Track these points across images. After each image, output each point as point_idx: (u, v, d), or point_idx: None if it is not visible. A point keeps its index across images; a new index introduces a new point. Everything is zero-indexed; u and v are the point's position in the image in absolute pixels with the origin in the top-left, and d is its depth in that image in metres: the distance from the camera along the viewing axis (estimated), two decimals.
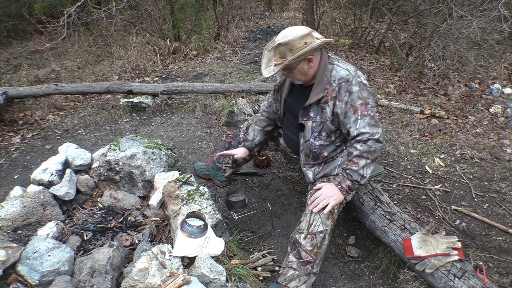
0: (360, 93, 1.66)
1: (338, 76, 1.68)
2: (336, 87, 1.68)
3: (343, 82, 1.67)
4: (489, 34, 3.69)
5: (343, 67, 1.71)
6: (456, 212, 2.39)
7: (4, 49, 5.93)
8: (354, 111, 1.66)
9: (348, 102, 1.66)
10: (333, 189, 1.74)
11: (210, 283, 1.61)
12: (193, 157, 3.01)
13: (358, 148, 1.67)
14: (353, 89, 1.65)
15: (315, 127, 1.79)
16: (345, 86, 1.66)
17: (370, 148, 1.66)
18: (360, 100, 1.66)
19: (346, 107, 1.67)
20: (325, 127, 1.77)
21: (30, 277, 1.65)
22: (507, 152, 3.04)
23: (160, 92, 3.75)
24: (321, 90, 1.71)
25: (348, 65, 1.74)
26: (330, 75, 1.70)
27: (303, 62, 1.68)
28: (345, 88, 1.66)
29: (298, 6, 9.36)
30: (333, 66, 1.72)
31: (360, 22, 5.55)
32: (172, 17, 5.76)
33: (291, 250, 1.75)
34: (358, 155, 1.67)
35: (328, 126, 1.76)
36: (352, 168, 1.69)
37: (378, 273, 1.96)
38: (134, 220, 2.16)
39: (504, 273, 1.92)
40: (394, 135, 3.33)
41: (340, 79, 1.68)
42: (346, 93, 1.66)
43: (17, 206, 1.96)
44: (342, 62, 1.75)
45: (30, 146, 3.26)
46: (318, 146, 1.82)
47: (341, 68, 1.70)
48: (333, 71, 1.70)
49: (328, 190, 1.74)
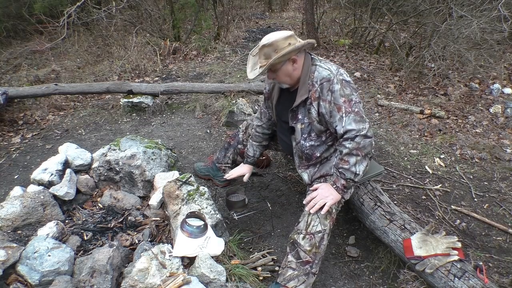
0: (342, 90, 1.67)
1: (320, 76, 1.71)
2: (318, 87, 1.70)
3: (324, 82, 1.69)
4: (489, 34, 3.69)
5: (325, 67, 1.73)
6: (456, 212, 2.39)
7: (4, 49, 5.93)
8: (338, 109, 1.67)
9: (332, 101, 1.68)
10: (329, 189, 1.75)
11: (210, 283, 1.61)
12: (193, 157, 3.01)
13: (346, 146, 1.67)
14: (335, 88, 1.67)
15: (304, 129, 1.83)
16: (327, 86, 1.69)
17: (359, 145, 1.66)
18: (343, 98, 1.67)
19: (330, 106, 1.69)
20: (313, 127, 1.80)
21: (30, 277, 1.65)
22: (507, 152, 3.04)
23: (160, 92, 3.75)
24: (306, 92, 1.74)
25: (330, 64, 1.77)
26: (313, 76, 1.73)
27: (288, 63, 1.71)
28: (327, 88, 1.68)
29: (298, 6, 9.37)
30: (316, 67, 1.75)
31: (360, 22, 5.55)
32: (172, 17, 5.76)
33: (290, 250, 1.75)
34: (347, 153, 1.67)
35: (316, 126, 1.78)
36: (344, 167, 1.70)
37: (378, 273, 1.96)
38: (134, 220, 2.16)
39: (504, 273, 1.92)
40: (394, 135, 3.33)
41: (322, 79, 1.70)
42: (329, 93, 1.68)
43: (17, 206, 1.96)
44: (324, 62, 1.78)
45: (30, 146, 3.26)
46: (309, 147, 1.85)
47: (323, 68, 1.73)
48: (315, 72, 1.73)
49: (324, 190, 1.75)
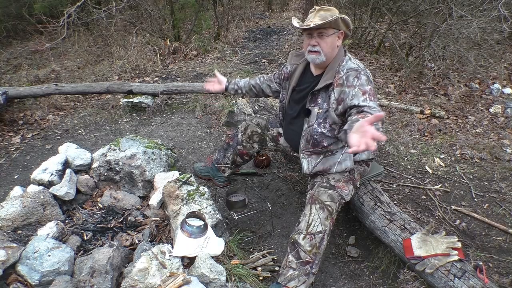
0: (368, 82, 1.70)
1: (348, 66, 1.76)
2: (344, 75, 1.73)
3: (351, 71, 1.73)
4: (489, 34, 3.69)
5: (355, 62, 1.80)
6: (456, 212, 2.39)
7: (4, 49, 5.93)
8: (363, 93, 1.63)
9: (357, 86, 1.67)
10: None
11: (210, 283, 1.61)
12: (193, 157, 3.01)
13: (368, 106, 1.54)
14: (362, 78, 1.70)
15: (320, 114, 1.82)
16: (354, 74, 1.71)
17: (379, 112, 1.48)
18: (369, 86, 1.68)
19: (355, 90, 1.65)
20: (329, 115, 1.80)
21: (30, 277, 1.65)
22: (507, 152, 3.04)
23: (160, 92, 3.75)
24: (331, 77, 1.77)
25: (359, 62, 1.82)
26: (342, 65, 1.78)
27: (336, 36, 1.76)
28: (353, 75, 1.71)
29: (298, 6, 9.36)
30: (346, 58, 1.81)
31: (360, 22, 5.55)
32: (172, 17, 5.76)
33: (290, 250, 1.75)
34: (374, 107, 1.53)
35: (331, 115, 1.78)
36: (370, 112, 1.49)
37: (378, 273, 1.96)
38: (134, 220, 2.16)
39: (504, 273, 1.92)
40: (394, 135, 3.33)
41: (349, 69, 1.74)
42: (355, 79, 1.70)
43: (17, 206, 1.96)
44: (354, 59, 1.84)
45: (30, 146, 3.26)
46: (320, 133, 1.84)
47: (352, 62, 1.79)
48: (344, 62, 1.79)
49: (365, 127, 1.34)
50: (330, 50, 1.77)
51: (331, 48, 1.77)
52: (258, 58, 5.39)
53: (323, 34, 1.74)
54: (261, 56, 5.52)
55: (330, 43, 1.76)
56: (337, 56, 1.81)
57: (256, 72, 4.72)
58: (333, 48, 1.78)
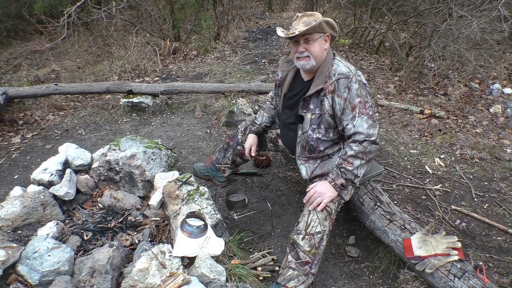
0: (359, 91, 1.69)
1: (339, 71, 1.73)
2: (335, 81, 1.71)
3: (342, 78, 1.71)
4: (489, 34, 3.69)
5: (345, 65, 1.77)
6: (456, 212, 2.39)
7: (4, 49, 5.93)
8: (352, 109, 1.68)
9: (347, 99, 1.69)
10: (326, 186, 1.75)
11: (210, 283, 1.61)
12: (193, 157, 3.01)
13: (353, 148, 1.68)
14: (353, 86, 1.68)
15: (314, 120, 1.82)
16: (344, 82, 1.70)
17: (365, 149, 1.67)
18: (359, 98, 1.68)
19: (345, 103, 1.69)
20: (324, 120, 1.80)
21: (30, 277, 1.65)
22: (507, 152, 3.04)
23: (160, 92, 3.75)
24: (321, 82, 1.76)
25: (350, 64, 1.79)
26: (331, 69, 1.76)
27: (322, 39, 1.75)
28: (344, 84, 1.69)
29: (298, 6, 9.36)
30: (336, 62, 1.78)
31: (360, 22, 5.55)
32: (172, 17, 5.76)
33: (289, 250, 1.75)
34: (353, 155, 1.68)
35: (326, 119, 1.78)
36: (347, 168, 1.70)
37: (378, 273, 1.96)
38: (134, 220, 2.16)
39: (504, 273, 1.92)
40: (394, 135, 3.33)
41: (340, 74, 1.72)
42: (346, 89, 1.69)
43: (17, 206, 1.96)
44: (344, 61, 1.82)
45: (30, 146, 3.26)
46: (315, 139, 1.84)
47: (343, 65, 1.77)
48: (334, 66, 1.76)
49: (322, 188, 1.75)
50: (319, 53, 1.77)
51: (320, 52, 1.77)
52: (258, 58, 5.38)
53: (309, 40, 1.74)
54: (261, 56, 5.51)
55: (318, 47, 1.75)
56: (326, 60, 1.80)
57: (256, 72, 4.72)
58: (321, 51, 1.78)
